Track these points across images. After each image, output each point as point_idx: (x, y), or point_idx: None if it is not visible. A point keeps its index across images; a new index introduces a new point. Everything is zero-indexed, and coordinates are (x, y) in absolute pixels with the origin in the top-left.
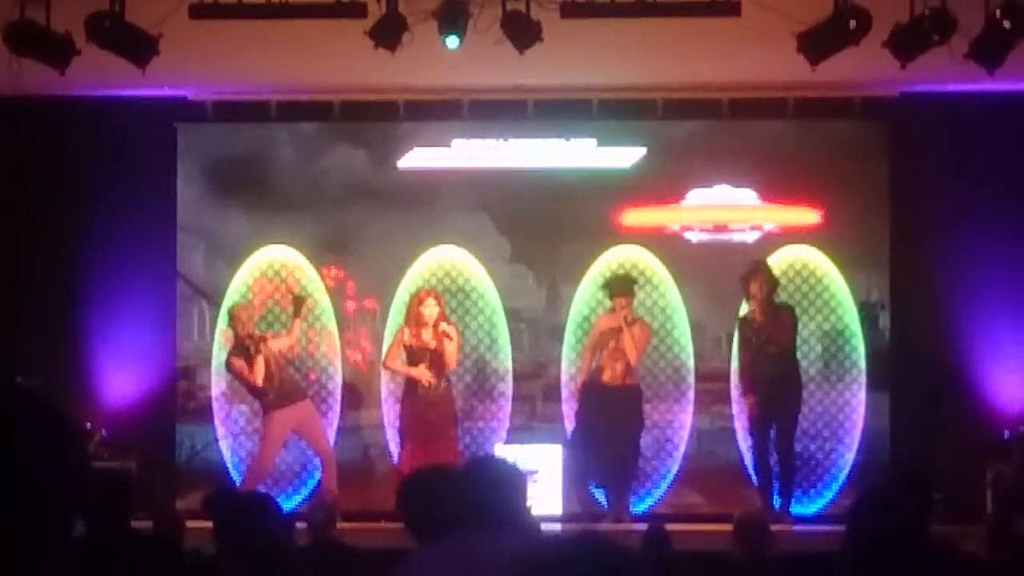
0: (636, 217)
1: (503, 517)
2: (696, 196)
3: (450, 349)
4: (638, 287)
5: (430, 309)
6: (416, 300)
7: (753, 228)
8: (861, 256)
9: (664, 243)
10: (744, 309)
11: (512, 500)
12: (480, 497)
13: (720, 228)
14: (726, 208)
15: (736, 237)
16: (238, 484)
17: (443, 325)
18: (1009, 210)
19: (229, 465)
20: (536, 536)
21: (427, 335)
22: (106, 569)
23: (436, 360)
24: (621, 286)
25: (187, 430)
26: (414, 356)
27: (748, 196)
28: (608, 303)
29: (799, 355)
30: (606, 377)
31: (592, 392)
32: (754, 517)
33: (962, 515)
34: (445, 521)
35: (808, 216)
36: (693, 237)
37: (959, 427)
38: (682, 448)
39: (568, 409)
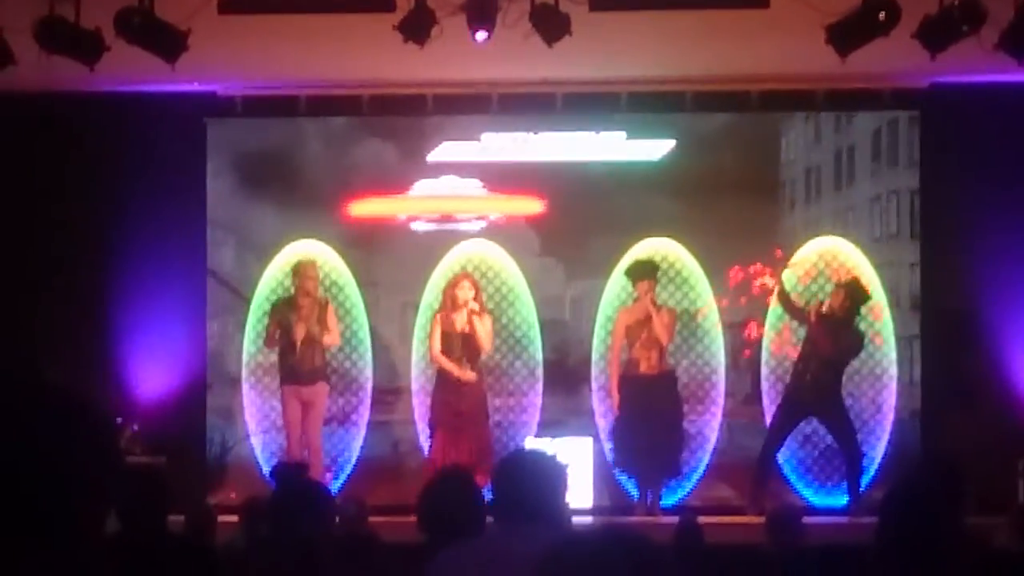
0: (363, 208)
1: (541, 511)
2: (422, 186)
3: (481, 331)
4: (660, 273)
5: (464, 292)
6: (451, 284)
7: (479, 218)
8: (891, 251)
9: (694, 235)
10: (811, 306)
11: (552, 493)
12: (521, 491)
13: (446, 218)
14: (451, 198)
15: (462, 227)
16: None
17: (472, 304)
18: None
19: (260, 460)
20: (567, 530)
21: (461, 320)
22: (141, 566)
23: (469, 345)
24: (644, 270)
25: (217, 426)
26: (448, 342)
27: (473, 186)
28: (631, 291)
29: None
30: (643, 368)
31: (632, 384)
32: (787, 510)
33: (993, 507)
34: (468, 522)
35: (531, 205)
36: (419, 227)
37: (990, 419)
38: (712, 441)
39: (599, 402)
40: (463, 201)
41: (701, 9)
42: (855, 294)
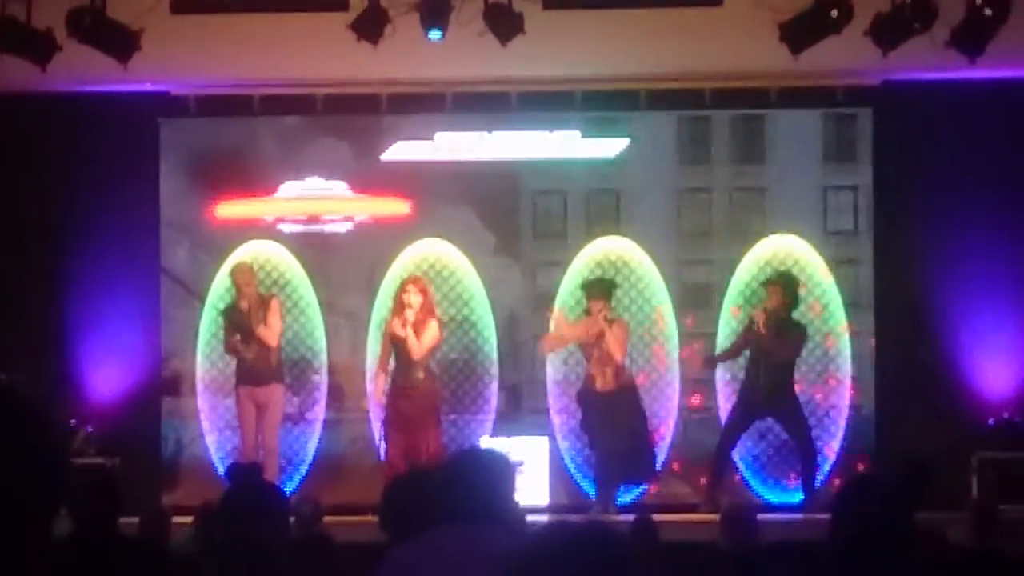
0: (229, 210)
1: (490, 510)
2: (289, 188)
3: (412, 341)
4: (617, 288)
5: (409, 297)
6: (401, 288)
7: (346, 219)
8: (844, 246)
9: (655, 235)
10: (753, 312)
11: (499, 492)
12: (467, 490)
13: (313, 219)
14: (318, 199)
15: (328, 228)
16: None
17: (409, 314)
18: (992, 197)
19: (215, 460)
20: (521, 529)
21: (398, 325)
22: (93, 568)
23: (403, 351)
24: (599, 289)
25: (172, 425)
26: (393, 345)
27: (340, 187)
28: (585, 304)
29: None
30: (599, 385)
31: (588, 400)
32: (741, 508)
33: (947, 502)
34: (429, 521)
35: (398, 206)
36: (287, 228)
37: (944, 415)
38: (668, 438)
39: (554, 400)
40: (329, 202)
41: (655, 7)
42: (788, 287)
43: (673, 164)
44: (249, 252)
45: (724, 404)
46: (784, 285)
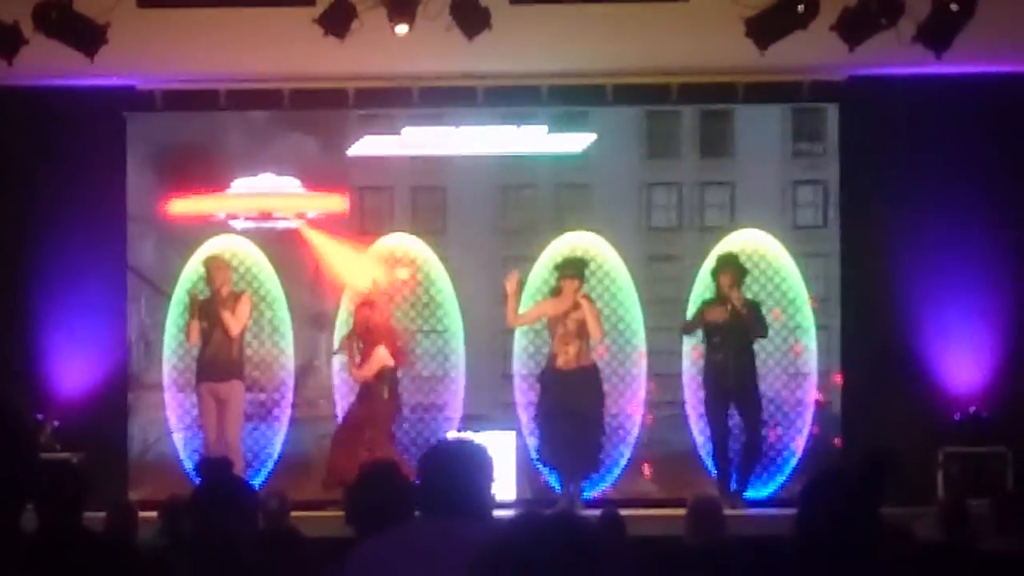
0: (182, 206)
1: (468, 501)
2: (240, 184)
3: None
4: (589, 271)
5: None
6: (359, 303)
7: (297, 216)
8: (811, 241)
9: (618, 229)
10: (709, 299)
11: (479, 484)
12: (445, 481)
13: (265, 216)
14: (269, 196)
15: (280, 225)
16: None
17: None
18: (957, 192)
19: (183, 457)
20: (491, 522)
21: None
22: (59, 564)
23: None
24: (572, 268)
25: (139, 423)
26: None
27: (291, 184)
28: (554, 285)
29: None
30: (560, 363)
31: (548, 379)
32: (708, 502)
33: (913, 497)
34: (401, 513)
35: (341, 203)
36: (239, 225)
37: (910, 410)
38: (634, 434)
39: (521, 395)
40: (280, 199)
41: (621, 3)
42: (735, 265)
43: (640, 158)
44: (217, 247)
45: (690, 398)
46: (729, 264)
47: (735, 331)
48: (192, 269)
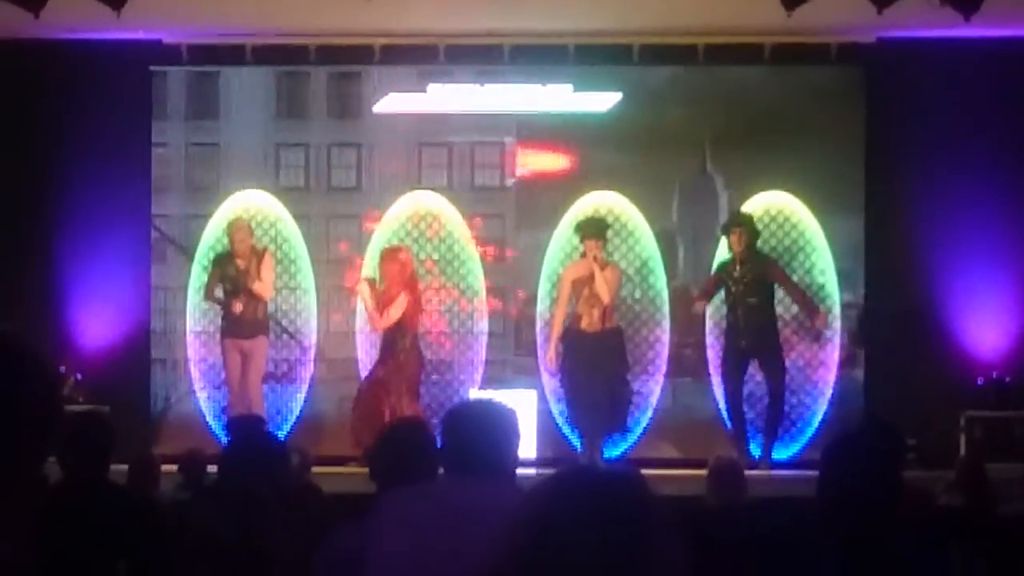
0: None
1: (493, 460)
2: None
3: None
4: (611, 231)
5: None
6: (386, 251)
7: None
8: (836, 202)
9: (640, 189)
10: (724, 258)
11: (504, 442)
12: (471, 440)
13: None
14: None
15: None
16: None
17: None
18: (985, 154)
19: (206, 415)
20: (514, 481)
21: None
22: (81, 514)
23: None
24: (593, 228)
25: (162, 380)
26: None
27: None
28: (580, 247)
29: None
30: (584, 324)
31: (573, 340)
32: (728, 463)
33: (935, 461)
34: (427, 470)
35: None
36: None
37: (933, 374)
38: (655, 400)
39: (543, 356)
40: None
41: None
42: (752, 225)
43: (665, 117)
44: (241, 202)
45: (714, 363)
46: (744, 224)
47: (749, 289)
48: (216, 226)
